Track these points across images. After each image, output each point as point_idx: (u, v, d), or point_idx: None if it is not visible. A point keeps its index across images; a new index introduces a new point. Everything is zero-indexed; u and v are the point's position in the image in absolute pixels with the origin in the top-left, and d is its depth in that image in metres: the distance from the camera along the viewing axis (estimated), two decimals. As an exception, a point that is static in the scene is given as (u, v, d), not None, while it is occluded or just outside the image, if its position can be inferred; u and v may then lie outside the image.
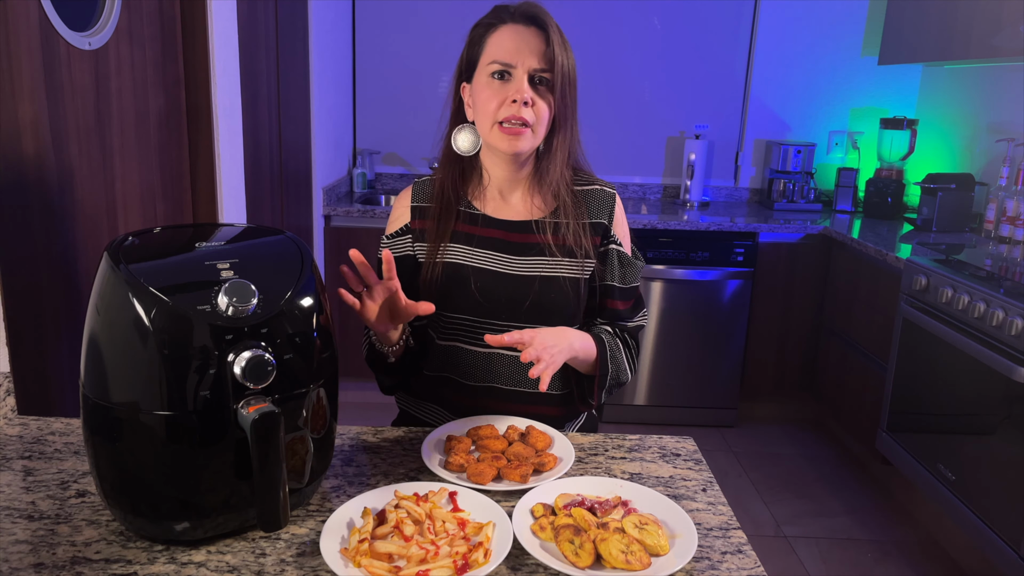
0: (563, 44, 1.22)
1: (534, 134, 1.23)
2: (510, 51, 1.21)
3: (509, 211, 1.32)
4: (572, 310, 1.31)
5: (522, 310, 1.28)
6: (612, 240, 1.34)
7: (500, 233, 1.30)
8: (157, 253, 0.93)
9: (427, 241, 1.31)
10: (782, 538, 2.58)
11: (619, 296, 1.35)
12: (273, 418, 0.83)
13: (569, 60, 1.23)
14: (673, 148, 3.82)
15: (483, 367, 1.31)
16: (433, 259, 1.30)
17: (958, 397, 2.33)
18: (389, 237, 1.36)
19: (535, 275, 1.28)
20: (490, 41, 1.23)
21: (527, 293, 1.27)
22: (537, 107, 1.22)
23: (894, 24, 3.34)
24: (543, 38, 1.21)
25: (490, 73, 1.22)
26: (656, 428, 3.28)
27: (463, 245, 1.30)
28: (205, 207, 2.03)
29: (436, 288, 1.29)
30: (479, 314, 1.29)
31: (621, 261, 1.35)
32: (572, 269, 1.30)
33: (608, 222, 1.34)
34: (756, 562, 0.92)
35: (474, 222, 1.31)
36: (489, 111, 1.22)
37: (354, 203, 3.41)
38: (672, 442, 1.23)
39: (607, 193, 1.35)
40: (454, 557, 0.86)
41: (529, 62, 1.20)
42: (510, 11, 1.24)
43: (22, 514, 0.94)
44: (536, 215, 1.31)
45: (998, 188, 2.95)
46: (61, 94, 1.40)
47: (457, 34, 4.20)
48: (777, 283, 3.30)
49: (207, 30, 1.93)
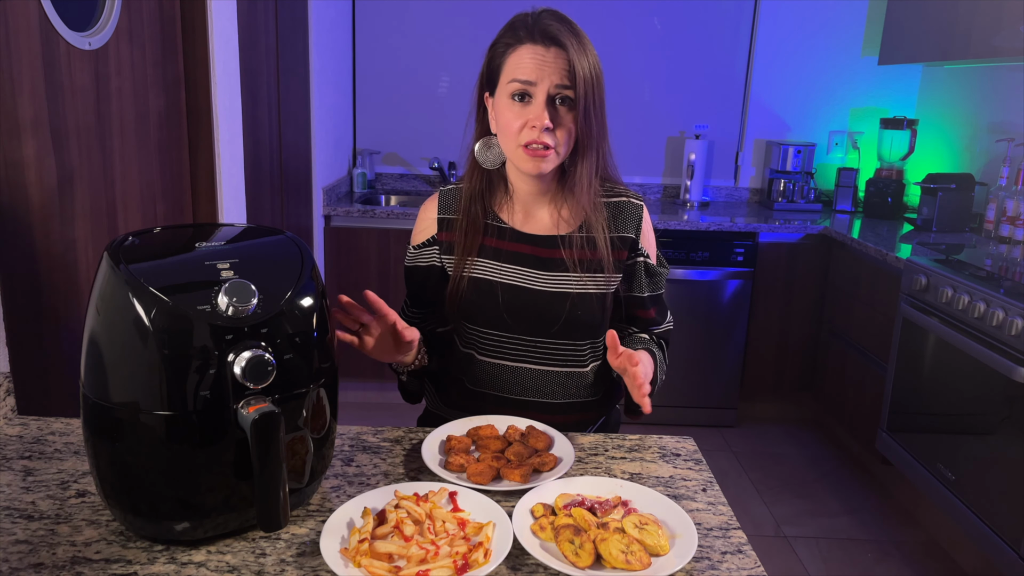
0: (583, 52, 1.17)
1: (557, 155, 1.21)
2: (529, 72, 1.17)
3: (536, 225, 1.31)
4: (598, 325, 1.32)
5: (551, 328, 1.29)
6: (640, 253, 1.34)
7: (528, 248, 1.30)
8: (157, 253, 0.93)
9: (455, 255, 1.31)
10: (782, 538, 2.58)
11: (649, 305, 1.37)
12: (273, 418, 0.83)
13: (592, 67, 1.18)
14: (673, 148, 3.82)
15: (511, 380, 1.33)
16: (460, 272, 1.30)
17: (958, 397, 2.33)
18: (416, 247, 1.36)
19: (564, 291, 1.28)
20: (509, 61, 1.19)
21: (556, 310, 1.28)
22: (559, 130, 1.19)
23: (894, 24, 3.34)
24: (563, 56, 1.17)
25: (510, 94, 1.19)
26: (656, 428, 3.28)
27: (491, 260, 1.30)
28: (205, 207, 2.03)
29: (463, 301, 1.30)
30: (505, 329, 1.30)
31: (648, 271, 1.35)
32: (598, 284, 1.30)
33: (636, 235, 1.32)
34: (756, 562, 0.92)
35: (502, 236, 1.31)
36: (511, 133, 1.20)
37: (354, 203, 3.41)
38: (672, 442, 1.23)
39: (635, 205, 1.33)
40: (454, 557, 0.86)
41: (549, 82, 1.17)
42: (528, 28, 1.19)
43: (22, 514, 0.94)
44: (563, 229, 1.30)
45: (998, 188, 2.95)
46: (61, 94, 1.40)
47: (458, 34, 4.19)
48: (777, 283, 3.30)
49: (207, 30, 1.93)
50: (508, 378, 1.32)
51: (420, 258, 1.36)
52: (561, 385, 1.33)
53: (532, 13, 1.21)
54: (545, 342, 1.30)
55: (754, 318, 3.32)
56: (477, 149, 1.29)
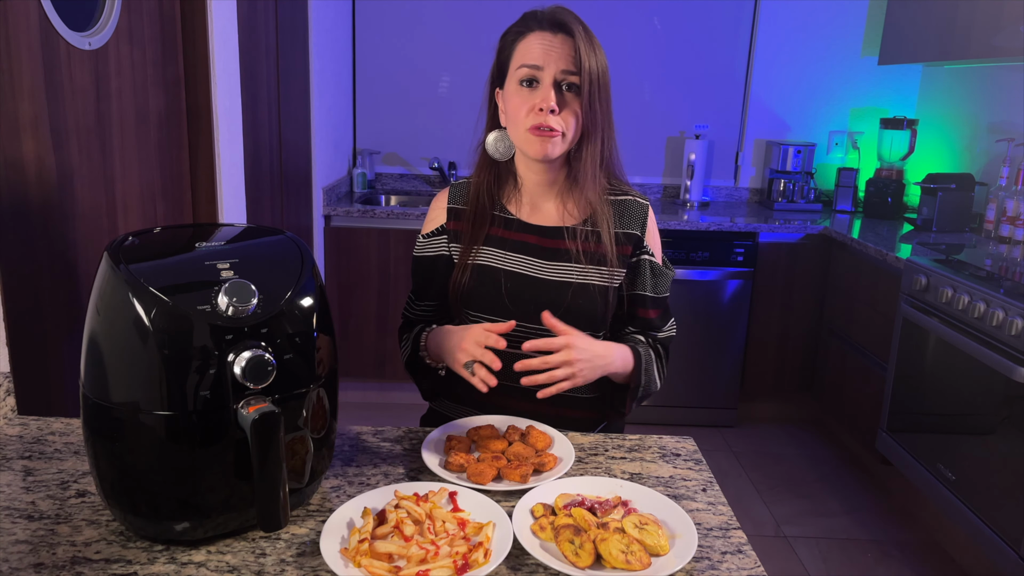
0: (591, 46, 1.23)
1: (564, 140, 1.24)
2: (537, 57, 1.22)
3: (542, 216, 1.34)
4: (600, 317, 1.33)
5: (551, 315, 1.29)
6: (645, 251, 1.35)
7: (533, 238, 1.32)
8: (157, 253, 0.93)
9: (461, 243, 1.34)
10: (782, 538, 2.58)
11: (651, 305, 1.38)
12: (273, 418, 0.83)
13: (599, 62, 1.23)
14: (673, 148, 3.82)
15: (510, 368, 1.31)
16: (466, 260, 1.32)
17: (958, 397, 2.33)
18: (425, 236, 1.39)
19: (566, 281, 1.30)
20: (518, 48, 1.25)
21: (557, 299, 1.29)
22: (565, 114, 1.23)
23: (894, 24, 3.34)
24: (570, 43, 1.21)
25: (519, 80, 1.24)
26: (656, 428, 3.28)
27: (496, 248, 1.32)
28: (205, 207, 2.03)
29: (466, 288, 1.32)
30: (507, 316, 1.30)
31: (653, 271, 1.37)
32: (601, 277, 1.31)
33: (641, 233, 1.35)
34: (756, 562, 0.92)
35: (508, 226, 1.34)
36: (519, 117, 1.24)
37: (354, 203, 3.40)
38: (672, 442, 1.23)
39: (640, 204, 1.36)
40: (454, 557, 0.86)
41: (555, 67, 1.21)
42: (538, 18, 1.25)
43: (22, 514, 0.94)
44: (568, 221, 1.32)
45: (998, 188, 2.95)
46: (61, 94, 1.40)
47: (458, 33, 4.19)
48: (777, 283, 3.30)
49: (207, 30, 1.93)
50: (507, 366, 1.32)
51: (428, 247, 1.38)
52: None
53: (543, 8, 1.26)
54: (546, 331, 1.30)
55: (754, 318, 3.32)
56: (488, 142, 1.32)
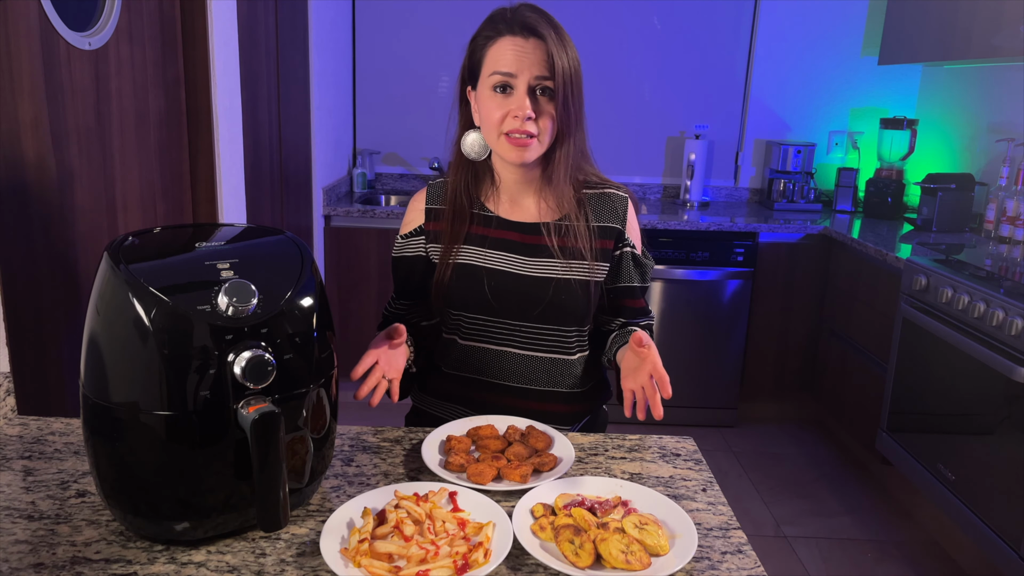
0: (562, 46, 1.21)
1: (540, 143, 1.24)
2: (509, 64, 1.20)
3: (521, 213, 1.34)
4: (583, 312, 1.33)
5: (534, 311, 1.30)
6: (626, 243, 1.35)
7: (514, 235, 1.32)
8: (157, 253, 0.93)
9: (441, 243, 1.33)
10: (782, 538, 2.58)
11: (640, 294, 1.39)
12: (273, 418, 0.83)
13: (571, 61, 1.22)
14: (673, 148, 3.82)
15: (495, 364, 1.33)
16: (447, 260, 1.32)
17: (958, 397, 2.33)
18: (403, 237, 1.38)
19: (548, 277, 1.29)
20: (490, 53, 1.22)
21: (539, 295, 1.29)
22: (541, 119, 1.22)
23: (894, 24, 3.34)
24: (542, 47, 1.19)
25: (492, 86, 1.22)
26: (656, 428, 3.28)
27: (477, 247, 1.32)
28: (205, 207, 2.03)
29: (448, 288, 1.31)
30: (491, 313, 1.31)
31: (636, 262, 1.37)
32: (582, 271, 1.31)
33: (622, 226, 1.35)
34: (756, 562, 0.92)
35: (488, 224, 1.33)
36: (493, 123, 1.23)
37: (354, 203, 3.41)
38: (672, 442, 1.23)
39: (620, 196, 1.36)
40: (454, 557, 0.86)
41: (529, 73, 1.20)
42: (507, 20, 1.22)
43: (22, 514, 0.94)
44: (546, 217, 1.32)
45: (998, 188, 2.95)
46: (61, 94, 1.40)
47: (457, 34, 4.20)
48: (777, 283, 3.30)
49: (207, 30, 1.93)
50: (491, 362, 1.33)
51: (407, 248, 1.37)
52: (545, 371, 1.33)
53: (510, 7, 1.24)
54: (529, 326, 1.31)
55: (754, 318, 3.32)
56: (465, 143, 1.31)
